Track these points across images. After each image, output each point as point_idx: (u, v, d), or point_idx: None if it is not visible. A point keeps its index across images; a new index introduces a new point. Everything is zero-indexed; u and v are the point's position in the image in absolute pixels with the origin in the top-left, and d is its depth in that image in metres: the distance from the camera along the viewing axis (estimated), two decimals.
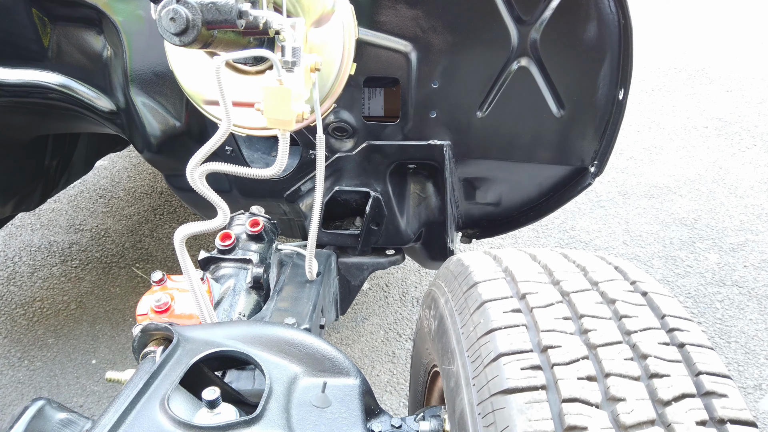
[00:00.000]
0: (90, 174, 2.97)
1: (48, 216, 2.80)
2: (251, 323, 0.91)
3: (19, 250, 2.59)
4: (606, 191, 2.95)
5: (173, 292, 1.02)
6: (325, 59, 1.03)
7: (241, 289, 1.14)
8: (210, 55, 1.07)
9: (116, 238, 2.67)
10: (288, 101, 0.85)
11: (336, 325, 2.20)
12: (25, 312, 2.27)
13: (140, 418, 0.64)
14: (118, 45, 1.28)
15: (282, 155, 0.89)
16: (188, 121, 1.33)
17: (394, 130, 1.33)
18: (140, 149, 1.48)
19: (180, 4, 0.79)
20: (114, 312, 2.27)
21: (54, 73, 1.39)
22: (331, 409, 0.74)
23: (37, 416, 0.68)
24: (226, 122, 0.84)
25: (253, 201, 1.32)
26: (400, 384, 1.99)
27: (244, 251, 1.19)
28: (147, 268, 2.49)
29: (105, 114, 1.41)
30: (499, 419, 0.59)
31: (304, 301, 1.18)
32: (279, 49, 0.96)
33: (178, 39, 0.81)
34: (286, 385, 0.74)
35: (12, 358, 2.08)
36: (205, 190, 0.86)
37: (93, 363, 2.07)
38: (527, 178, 1.51)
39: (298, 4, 1.03)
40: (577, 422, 0.57)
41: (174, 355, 0.74)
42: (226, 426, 0.64)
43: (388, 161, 1.39)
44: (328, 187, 1.42)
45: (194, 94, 1.14)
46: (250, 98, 1.05)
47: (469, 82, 1.27)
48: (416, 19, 1.18)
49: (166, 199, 2.93)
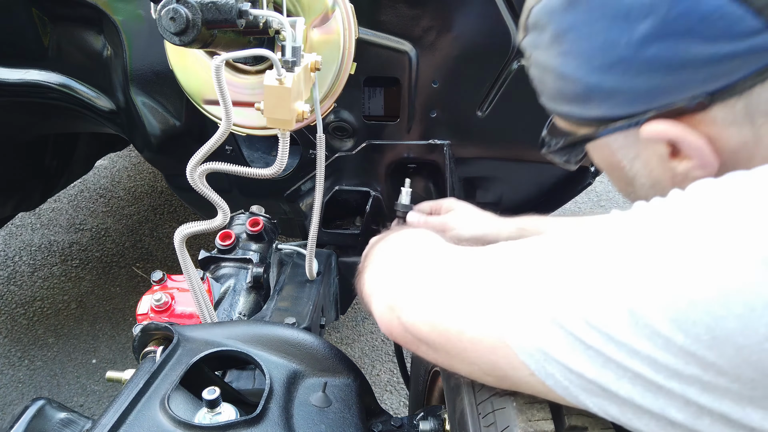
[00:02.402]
0: (90, 174, 2.97)
1: (48, 216, 2.80)
2: (251, 323, 0.91)
3: (19, 250, 2.59)
4: (606, 190, 2.95)
5: (173, 292, 1.02)
6: (326, 59, 1.03)
7: (242, 288, 1.14)
8: (210, 55, 1.07)
9: (116, 238, 2.67)
10: (288, 101, 0.85)
11: (336, 324, 2.20)
12: (25, 311, 2.27)
13: (140, 418, 0.64)
14: (118, 44, 1.28)
15: (282, 155, 0.89)
16: (188, 121, 1.33)
17: (394, 130, 1.33)
18: (140, 149, 1.48)
19: (180, 4, 0.79)
20: (114, 311, 2.27)
21: (54, 73, 1.38)
22: (332, 408, 0.74)
23: (38, 416, 0.68)
24: (225, 122, 0.84)
25: (253, 200, 1.32)
26: (400, 383, 1.99)
27: (244, 251, 1.19)
28: (147, 267, 2.49)
29: (105, 113, 1.41)
30: (499, 419, 0.59)
31: (305, 300, 1.18)
32: (279, 48, 0.96)
33: (178, 38, 0.81)
34: (286, 385, 0.74)
35: (12, 357, 2.08)
36: (205, 189, 0.86)
37: (93, 362, 2.07)
38: (527, 177, 1.51)
39: (298, 3, 1.03)
40: (577, 423, 0.57)
41: (174, 355, 0.74)
42: (227, 425, 0.64)
43: (388, 161, 1.39)
44: (328, 186, 1.42)
45: (194, 94, 1.14)
46: (250, 98, 1.06)
47: (469, 82, 1.26)
48: (416, 19, 1.18)
49: (166, 198, 2.93)
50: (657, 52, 0.48)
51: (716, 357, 0.40)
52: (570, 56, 0.53)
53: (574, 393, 0.48)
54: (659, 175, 0.56)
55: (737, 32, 0.45)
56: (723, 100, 0.48)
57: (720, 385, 0.41)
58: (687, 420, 0.43)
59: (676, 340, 0.41)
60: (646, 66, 0.49)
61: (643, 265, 0.44)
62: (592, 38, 0.51)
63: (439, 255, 0.64)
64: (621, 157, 0.58)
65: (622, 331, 0.44)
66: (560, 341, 0.47)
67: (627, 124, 0.53)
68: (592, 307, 0.46)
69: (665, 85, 0.49)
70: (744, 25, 0.44)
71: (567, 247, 0.50)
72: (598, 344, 0.45)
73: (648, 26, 0.47)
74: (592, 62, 0.52)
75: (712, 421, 0.42)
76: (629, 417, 0.46)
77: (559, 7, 0.53)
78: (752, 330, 0.39)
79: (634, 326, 0.43)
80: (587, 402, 0.48)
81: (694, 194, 0.46)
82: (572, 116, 0.59)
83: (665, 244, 0.44)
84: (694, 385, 0.42)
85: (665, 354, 0.42)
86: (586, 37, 0.51)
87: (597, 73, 0.52)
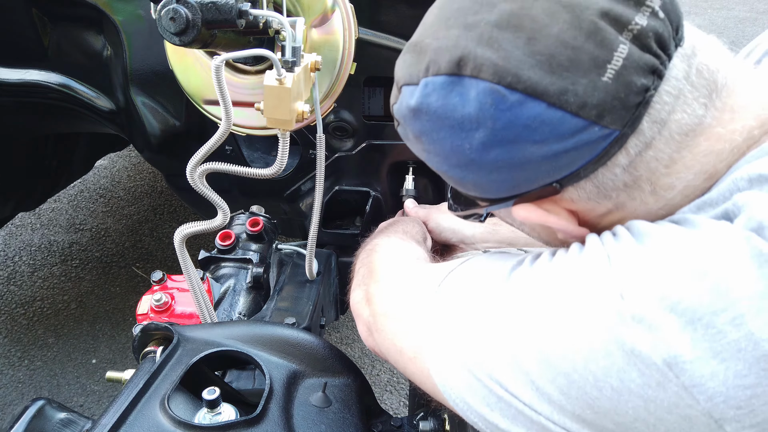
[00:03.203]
0: (90, 174, 2.97)
1: (48, 216, 2.80)
2: (251, 323, 0.91)
3: (19, 250, 2.59)
4: None
5: (173, 292, 1.02)
6: (325, 59, 1.03)
7: (241, 288, 1.14)
8: (210, 55, 1.07)
9: (116, 238, 2.67)
10: (288, 101, 0.85)
11: (336, 324, 2.20)
12: (25, 312, 2.27)
13: (140, 418, 0.64)
14: (118, 44, 1.27)
15: (282, 155, 0.89)
16: (188, 121, 1.33)
17: (394, 130, 1.33)
18: (140, 149, 1.48)
19: (180, 4, 0.79)
20: (114, 311, 2.27)
21: (54, 73, 1.38)
22: (332, 408, 0.75)
23: (38, 416, 0.68)
24: (225, 122, 0.84)
25: (253, 200, 1.32)
26: (400, 383, 1.99)
27: (244, 251, 1.19)
28: (147, 267, 2.49)
29: (105, 113, 1.41)
30: None
31: (305, 300, 1.18)
32: (279, 48, 0.96)
33: (178, 38, 0.81)
34: (286, 385, 0.74)
35: (12, 357, 2.08)
36: (205, 189, 0.86)
37: (93, 363, 2.07)
38: None
39: (298, 3, 1.03)
40: None
41: (174, 355, 0.74)
42: (227, 425, 0.64)
43: (389, 161, 1.39)
44: (328, 186, 1.42)
45: (194, 94, 1.14)
46: (250, 98, 1.05)
47: None
48: (416, 19, 1.18)
49: (166, 198, 2.93)
50: (498, 155, 0.51)
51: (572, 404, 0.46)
52: (432, 154, 0.57)
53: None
54: (547, 238, 0.64)
55: (562, 133, 0.48)
56: (573, 183, 0.52)
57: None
58: None
59: (548, 391, 0.47)
60: (494, 165, 0.53)
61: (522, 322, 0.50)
62: (443, 143, 0.54)
63: (402, 284, 0.70)
64: (516, 224, 0.66)
65: (519, 389, 0.49)
66: (476, 392, 0.52)
67: (502, 205, 0.59)
68: (493, 361, 0.51)
69: (516, 178, 0.54)
70: (566, 126, 0.48)
71: (487, 295, 0.55)
72: (506, 397, 0.50)
73: (482, 136, 0.51)
74: (449, 161, 0.56)
75: None
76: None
77: (408, 115, 0.57)
78: (603, 383, 0.44)
79: (530, 386, 0.48)
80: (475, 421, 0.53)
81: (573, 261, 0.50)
82: (459, 194, 0.65)
83: (545, 305, 0.49)
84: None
85: (548, 406, 0.48)
86: (438, 141, 0.55)
87: (456, 169, 0.56)
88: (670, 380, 0.42)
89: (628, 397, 0.43)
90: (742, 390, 0.40)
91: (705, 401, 0.41)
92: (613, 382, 0.44)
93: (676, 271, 0.43)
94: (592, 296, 0.46)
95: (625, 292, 0.44)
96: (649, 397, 0.43)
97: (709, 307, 0.41)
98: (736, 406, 0.40)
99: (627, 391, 0.43)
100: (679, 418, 0.42)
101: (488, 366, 0.51)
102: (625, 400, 0.44)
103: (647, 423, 0.43)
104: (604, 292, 0.45)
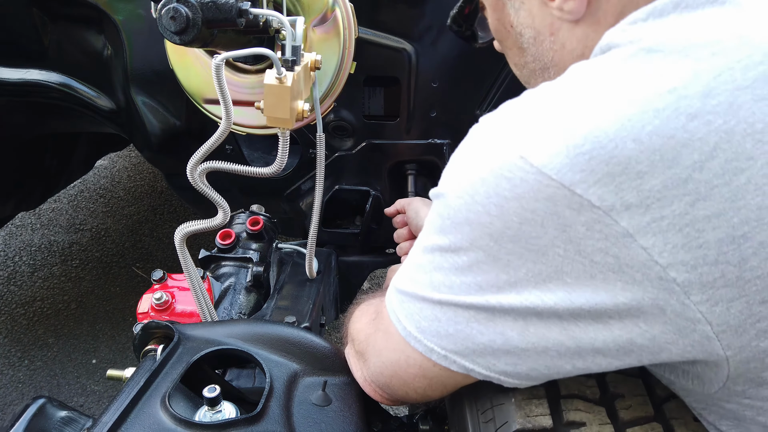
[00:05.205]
0: (90, 174, 2.97)
1: (48, 216, 2.80)
2: (251, 322, 0.91)
3: (19, 250, 2.59)
4: None
5: (174, 291, 1.02)
6: (325, 58, 1.03)
7: (242, 287, 1.15)
8: (210, 54, 1.07)
9: (116, 238, 2.67)
10: (288, 100, 0.86)
11: (336, 323, 2.20)
12: (25, 312, 2.27)
13: (141, 416, 0.65)
14: (119, 44, 1.28)
15: (282, 154, 0.89)
16: (188, 120, 1.34)
17: (394, 129, 1.33)
18: (140, 148, 1.48)
19: (180, 3, 0.80)
20: (114, 311, 2.27)
21: (54, 73, 1.38)
22: (332, 407, 0.75)
23: (38, 414, 0.68)
24: (226, 121, 0.84)
25: (253, 200, 1.33)
26: None
27: (244, 250, 1.19)
28: (147, 267, 2.49)
29: (105, 113, 1.41)
30: (498, 415, 0.59)
31: (305, 299, 1.18)
32: (279, 47, 0.96)
33: (179, 38, 0.81)
34: (286, 384, 0.74)
35: (12, 357, 2.08)
36: (206, 188, 0.87)
37: (93, 362, 2.07)
38: None
39: (298, 2, 1.03)
40: (575, 418, 0.57)
41: (175, 353, 0.74)
42: (227, 424, 0.64)
43: (388, 160, 1.39)
44: (328, 185, 1.43)
45: (194, 93, 1.14)
46: (250, 97, 1.06)
47: (469, 82, 1.27)
48: (416, 19, 1.18)
49: (166, 198, 2.93)
50: None
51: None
52: None
53: (452, 359, 0.58)
54: (540, 24, 0.66)
55: None
56: None
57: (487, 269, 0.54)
58: (532, 341, 0.53)
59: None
60: None
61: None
62: None
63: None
64: (510, 10, 0.68)
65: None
66: (422, 310, 0.59)
67: None
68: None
69: None
70: None
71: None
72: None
73: None
74: None
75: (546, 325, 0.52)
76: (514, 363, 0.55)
77: None
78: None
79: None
80: (468, 365, 0.57)
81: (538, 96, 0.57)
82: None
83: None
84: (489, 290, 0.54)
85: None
86: None
87: None
88: (527, 172, 0.50)
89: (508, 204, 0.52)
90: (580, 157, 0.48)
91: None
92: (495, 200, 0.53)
93: None
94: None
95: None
96: (519, 195, 0.51)
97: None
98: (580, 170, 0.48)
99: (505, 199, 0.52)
100: (545, 203, 0.49)
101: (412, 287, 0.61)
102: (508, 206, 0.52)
103: (534, 223, 0.51)
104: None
